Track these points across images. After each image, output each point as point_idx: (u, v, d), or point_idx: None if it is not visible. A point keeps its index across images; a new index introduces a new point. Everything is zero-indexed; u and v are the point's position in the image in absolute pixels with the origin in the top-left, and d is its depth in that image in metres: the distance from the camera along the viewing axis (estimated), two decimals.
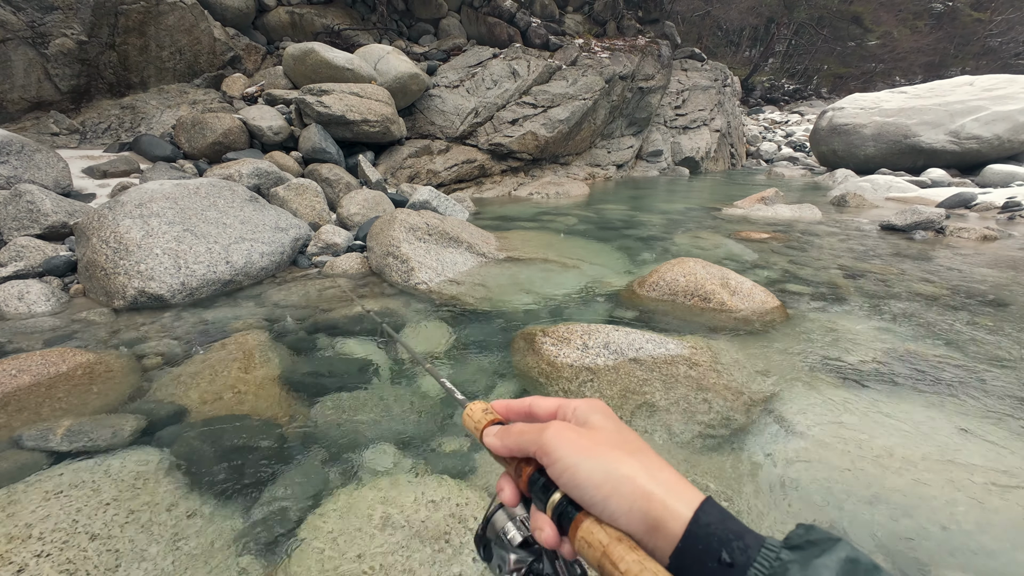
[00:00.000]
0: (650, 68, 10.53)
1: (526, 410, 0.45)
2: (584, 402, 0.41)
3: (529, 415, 0.45)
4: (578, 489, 0.34)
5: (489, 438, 0.43)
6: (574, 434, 0.37)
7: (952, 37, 28.27)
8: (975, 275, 3.55)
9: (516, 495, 0.41)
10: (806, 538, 0.28)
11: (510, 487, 0.41)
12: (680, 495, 0.31)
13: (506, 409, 0.47)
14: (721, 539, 0.29)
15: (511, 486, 0.41)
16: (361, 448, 1.60)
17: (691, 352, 2.07)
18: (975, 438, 1.67)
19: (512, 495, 0.41)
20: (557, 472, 0.36)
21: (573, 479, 0.34)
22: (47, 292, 2.62)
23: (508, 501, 0.41)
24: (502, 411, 0.47)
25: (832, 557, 0.26)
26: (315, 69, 6.16)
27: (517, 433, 0.40)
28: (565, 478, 0.35)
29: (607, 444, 0.36)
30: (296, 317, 2.61)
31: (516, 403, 0.46)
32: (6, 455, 1.45)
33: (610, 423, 0.39)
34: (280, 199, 4.17)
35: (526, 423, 0.42)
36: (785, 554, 0.27)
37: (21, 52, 4.72)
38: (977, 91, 10.18)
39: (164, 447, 1.55)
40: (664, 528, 0.30)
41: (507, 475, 0.42)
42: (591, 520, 0.33)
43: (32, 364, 1.86)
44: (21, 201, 3.03)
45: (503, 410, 0.47)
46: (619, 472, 0.33)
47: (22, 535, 1.15)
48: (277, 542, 1.25)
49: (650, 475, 0.33)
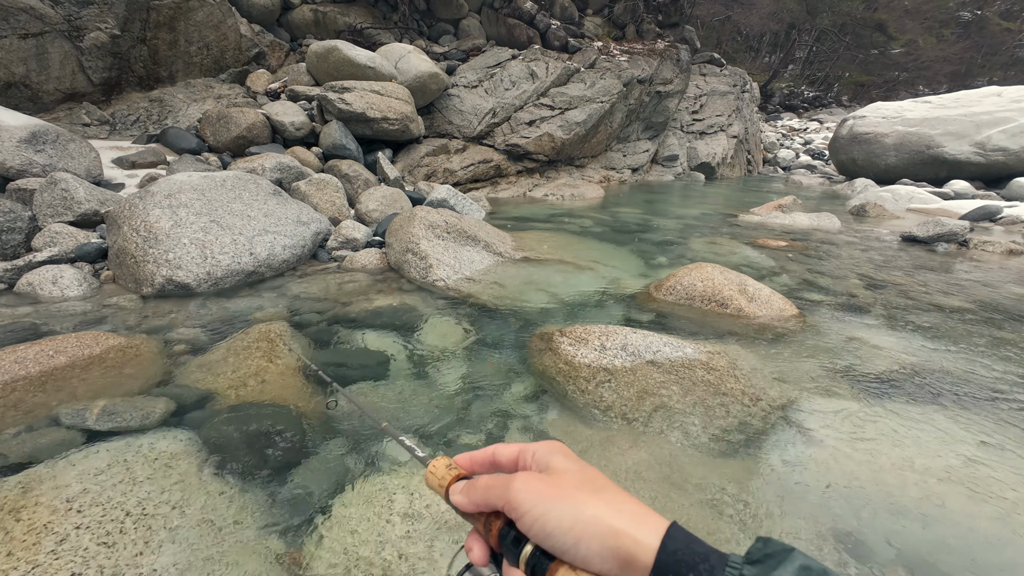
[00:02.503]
0: (668, 72, 10.49)
1: (489, 459, 0.45)
2: (543, 445, 0.41)
3: (493, 464, 0.45)
4: (549, 538, 0.34)
5: (456, 495, 0.42)
6: (539, 483, 0.36)
7: (980, 46, 27.66)
8: (999, 289, 3.48)
9: (486, 553, 0.40)
10: (764, 551, 0.30)
11: (479, 546, 0.40)
12: (646, 525, 0.32)
13: (470, 462, 0.46)
14: (688, 564, 0.30)
15: (480, 544, 0.40)
16: (381, 438, 1.64)
17: (709, 357, 2.07)
18: (998, 451, 1.65)
19: (482, 554, 0.40)
20: (527, 524, 0.35)
21: (543, 529, 0.34)
22: (79, 277, 2.71)
23: (478, 560, 0.40)
24: (466, 464, 0.46)
25: (788, 568, 0.28)
26: (337, 67, 6.25)
27: (483, 488, 0.40)
28: (535, 529, 0.34)
29: (571, 486, 0.35)
30: (316, 310, 2.67)
31: (479, 454, 0.46)
32: (46, 432, 1.51)
33: (571, 463, 0.39)
34: (301, 193, 4.25)
35: (491, 476, 0.41)
36: (747, 569, 0.29)
37: (57, 45, 4.88)
38: (1005, 102, 9.95)
39: (193, 430, 1.60)
40: (636, 562, 0.31)
41: (475, 533, 0.41)
42: (565, 568, 0.33)
43: (68, 346, 1.93)
44: (56, 189, 3.13)
45: (467, 463, 0.46)
46: (586, 514, 0.33)
47: (63, 507, 1.21)
48: (301, 525, 1.29)
49: (615, 510, 0.33)
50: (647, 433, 1.72)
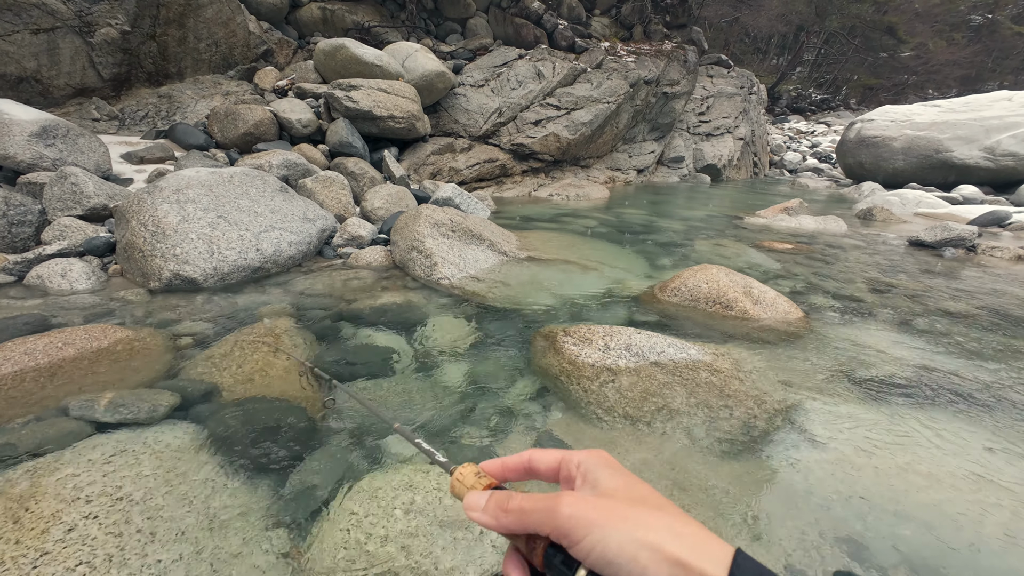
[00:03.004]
0: (675, 73, 10.46)
1: (525, 466, 0.41)
2: (588, 455, 0.38)
3: (528, 471, 0.41)
4: (610, 567, 0.31)
5: (480, 515, 0.38)
6: (590, 506, 0.33)
7: (990, 51, 27.41)
8: (1007, 295, 3.45)
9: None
10: None
11: (518, 571, 0.37)
12: (710, 553, 0.30)
13: (502, 468, 0.42)
14: None
15: (520, 570, 0.37)
16: (385, 435, 1.64)
17: (713, 358, 2.07)
18: (1004, 457, 1.64)
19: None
20: (583, 552, 0.32)
21: (603, 557, 0.31)
22: (87, 271, 2.74)
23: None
24: (496, 471, 0.42)
25: None
26: (344, 64, 6.28)
27: (518, 511, 0.36)
28: (593, 557, 0.32)
29: (626, 507, 0.33)
30: (321, 306, 2.68)
31: (512, 460, 0.42)
32: (55, 422, 1.53)
33: (620, 479, 0.36)
34: (308, 190, 4.27)
35: (526, 496, 0.37)
36: None
37: (68, 40, 4.92)
38: (1016, 107, 9.87)
39: (198, 423, 1.61)
40: None
41: (515, 552, 0.38)
42: None
43: (76, 338, 1.95)
44: (66, 183, 3.16)
45: (498, 471, 0.42)
46: (648, 539, 0.31)
47: (71, 497, 1.22)
48: (305, 519, 1.30)
49: (675, 536, 0.31)
50: (650, 434, 1.72)
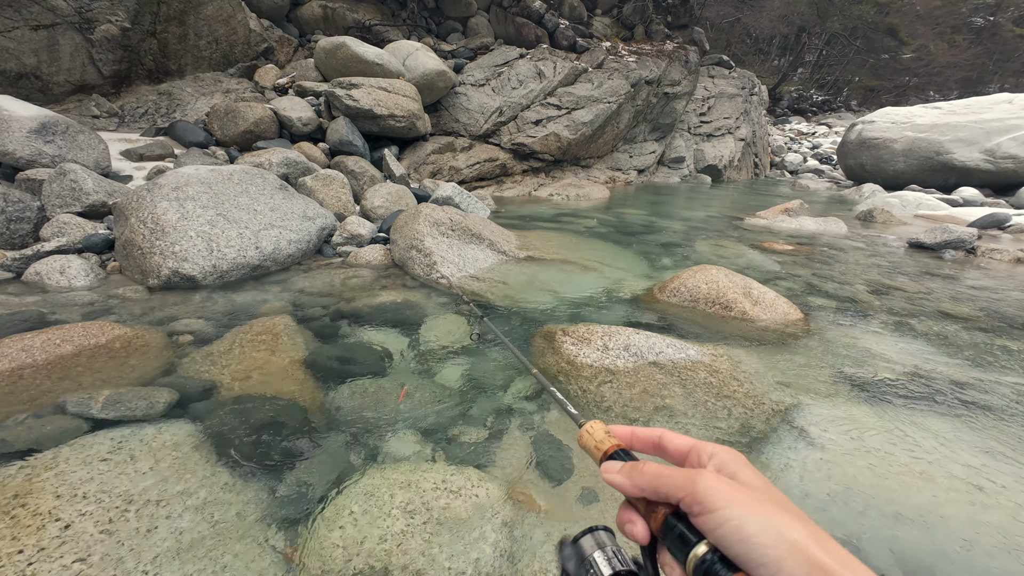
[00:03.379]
0: (677, 74, 10.45)
1: (654, 441, 0.43)
2: (725, 451, 0.38)
3: (656, 448, 0.43)
4: (742, 545, 0.31)
5: (616, 476, 0.40)
6: (731, 487, 0.34)
7: (992, 53, 27.41)
8: (1007, 298, 3.45)
9: (647, 533, 0.38)
10: None
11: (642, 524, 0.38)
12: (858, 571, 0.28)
13: (630, 436, 0.44)
14: None
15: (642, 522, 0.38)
16: (382, 434, 1.64)
17: (711, 359, 2.07)
18: (1000, 460, 1.64)
19: (644, 532, 0.38)
20: (713, 523, 0.32)
21: (737, 534, 0.31)
22: (86, 268, 2.73)
23: (639, 538, 0.38)
24: (625, 437, 0.44)
25: None
26: (345, 63, 6.27)
27: (654, 475, 0.37)
28: (724, 531, 0.32)
29: (769, 502, 0.33)
30: (320, 304, 2.68)
31: (642, 432, 0.44)
32: (52, 419, 1.53)
33: (762, 481, 0.36)
34: (308, 189, 4.26)
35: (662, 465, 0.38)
36: None
37: (68, 37, 4.91)
38: (1016, 109, 9.87)
39: (196, 421, 1.61)
40: None
41: (631, 509, 0.39)
42: None
43: (74, 335, 1.95)
44: (65, 180, 3.15)
45: (626, 436, 0.44)
46: (790, 535, 0.30)
47: (67, 494, 1.22)
48: (302, 519, 1.30)
49: (822, 546, 0.30)
50: None
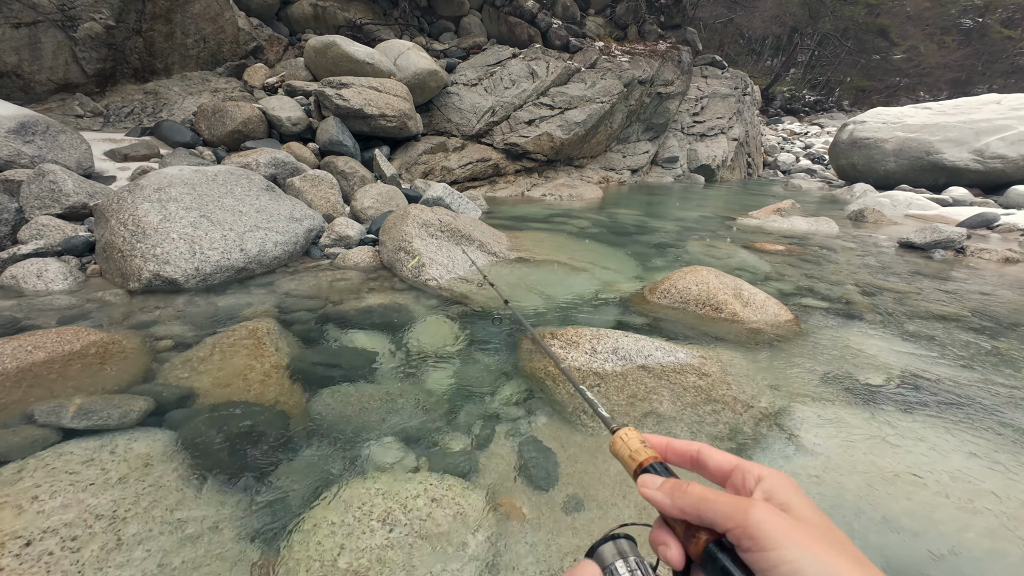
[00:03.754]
0: (670, 74, 10.46)
1: (692, 456, 0.40)
2: (776, 475, 0.35)
3: (694, 463, 0.40)
4: None
5: (656, 493, 0.37)
6: (789, 524, 0.31)
7: (980, 54, 27.73)
8: (995, 297, 3.47)
9: (682, 558, 0.35)
10: None
11: (677, 547, 0.36)
12: None
13: (665, 447, 0.42)
14: None
15: (677, 546, 0.36)
16: (365, 441, 1.60)
17: (701, 362, 2.04)
18: (989, 463, 1.63)
19: (679, 557, 0.35)
20: (768, 563, 0.30)
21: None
22: (65, 271, 2.67)
23: (674, 562, 0.36)
24: (660, 447, 0.42)
25: None
26: (336, 62, 6.21)
27: (699, 498, 0.34)
28: (779, 573, 0.29)
29: (828, 543, 0.30)
30: (306, 307, 2.63)
31: (680, 444, 0.41)
32: (19, 430, 1.47)
33: (819, 515, 0.33)
34: (296, 190, 4.21)
35: (708, 489, 0.35)
36: None
37: (51, 35, 4.82)
38: (1004, 110, 9.96)
39: (172, 429, 1.57)
40: None
41: (666, 528, 0.37)
42: None
43: (47, 341, 1.89)
44: (44, 181, 3.08)
45: (662, 447, 0.42)
46: None
47: (31, 509, 1.17)
48: (278, 531, 1.26)
49: None
50: None
